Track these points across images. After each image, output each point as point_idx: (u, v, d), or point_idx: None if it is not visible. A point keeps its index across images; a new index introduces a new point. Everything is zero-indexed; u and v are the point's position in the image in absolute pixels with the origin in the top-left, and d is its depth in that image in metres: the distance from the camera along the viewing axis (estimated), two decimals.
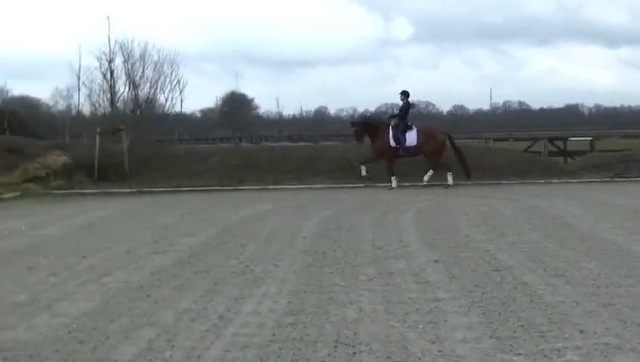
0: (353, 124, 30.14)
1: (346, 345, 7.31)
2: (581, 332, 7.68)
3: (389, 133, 27.87)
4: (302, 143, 38.34)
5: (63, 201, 24.12)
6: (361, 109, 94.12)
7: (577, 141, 39.57)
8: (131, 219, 18.55)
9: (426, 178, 27.40)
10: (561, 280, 10.19)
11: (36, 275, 11.12)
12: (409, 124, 28.19)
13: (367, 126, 29.01)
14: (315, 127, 73.62)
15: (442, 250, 12.84)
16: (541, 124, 78.58)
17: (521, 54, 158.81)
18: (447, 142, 28.35)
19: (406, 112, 28.57)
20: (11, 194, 25.49)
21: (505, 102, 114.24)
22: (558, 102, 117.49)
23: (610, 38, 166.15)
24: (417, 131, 28.03)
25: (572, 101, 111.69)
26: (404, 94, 28.63)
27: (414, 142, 27.74)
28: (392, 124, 28.31)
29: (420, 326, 7.92)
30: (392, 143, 27.74)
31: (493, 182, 28.26)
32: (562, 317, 8.28)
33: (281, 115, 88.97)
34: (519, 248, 12.88)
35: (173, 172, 29.81)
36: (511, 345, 7.28)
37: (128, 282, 10.48)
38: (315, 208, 20.18)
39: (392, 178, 27.25)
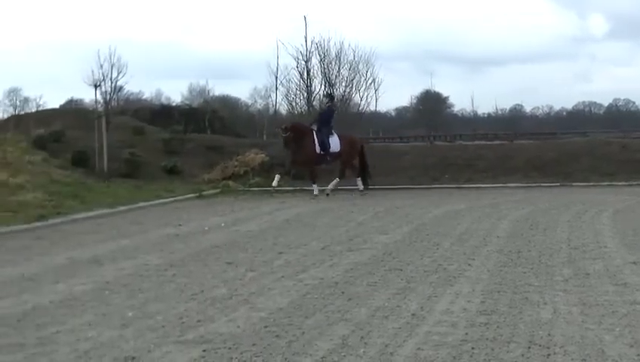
0: (287, 129, 26.32)
1: (540, 346, 7.20)
2: None
3: (314, 138, 25.63)
4: (497, 142, 37.82)
5: (261, 198, 24.72)
6: (557, 107, 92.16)
7: None
8: (326, 216, 18.82)
9: (360, 187, 26.09)
10: None
11: (235, 270, 11.43)
12: (331, 128, 26.18)
13: (296, 130, 26.04)
14: (510, 125, 72.38)
15: None
16: None
17: None
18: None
19: (331, 116, 26.63)
20: (211, 191, 26.34)
21: None
22: None
23: None
24: (339, 137, 26.14)
25: None
26: (329, 97, 27.21)
27: (337, 149, 25.92)
28: (315, 129, 25.96)
29: (617, 329, 7.73)
30: (318, 150, 25.61)
31: None
32: None
33: (475, 113, 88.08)
34: None
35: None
36: None
37: (323, 279, 10.64)
38: (509, 207, 19.95)
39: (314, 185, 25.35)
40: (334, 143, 25.75)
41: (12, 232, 16.01)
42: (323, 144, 25.52)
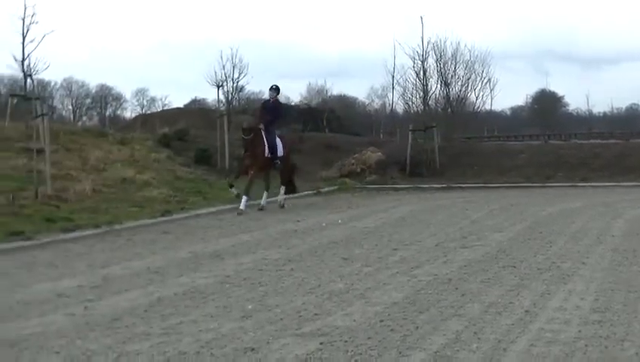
0: (250, 130, 21.04)
1: None
2: None
3: (263, 140, 21.04)
4: (612, 141, 37.24)
5: (377, 195, 24.93)
6: None
7: None
8: (441, 214, 18.90)
9: (281, 197, 21.85)
10: None
11: (351, 265, 11.61)
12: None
13: (253, 130, 21.11)
14: (627, 124, 70.66)
15: None
16: None
17: None
18: None
19: (278, 113, 22.00)
20: (329, 188, 26.69)
21: None
22: None
23: None
24: (279, 138, 21.77)
25: None
26: (276, 90, 22.06)
27: (282, 152, 21.59)
28: (262, 128, 21.06)
29: None
30: (267, 153, 21.10)
31: None
32: None
33: (590, 112, 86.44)
34: None
35: (483, 168, 30.02)
36: None
37: (437, 275, 10.74)
38: (624, 206, 19.73)
39: (244, 197, 20.05)
40: (280, 146, 21.63)
41: (139, 226, 16.53)
42: (272, 147, 21.30)
